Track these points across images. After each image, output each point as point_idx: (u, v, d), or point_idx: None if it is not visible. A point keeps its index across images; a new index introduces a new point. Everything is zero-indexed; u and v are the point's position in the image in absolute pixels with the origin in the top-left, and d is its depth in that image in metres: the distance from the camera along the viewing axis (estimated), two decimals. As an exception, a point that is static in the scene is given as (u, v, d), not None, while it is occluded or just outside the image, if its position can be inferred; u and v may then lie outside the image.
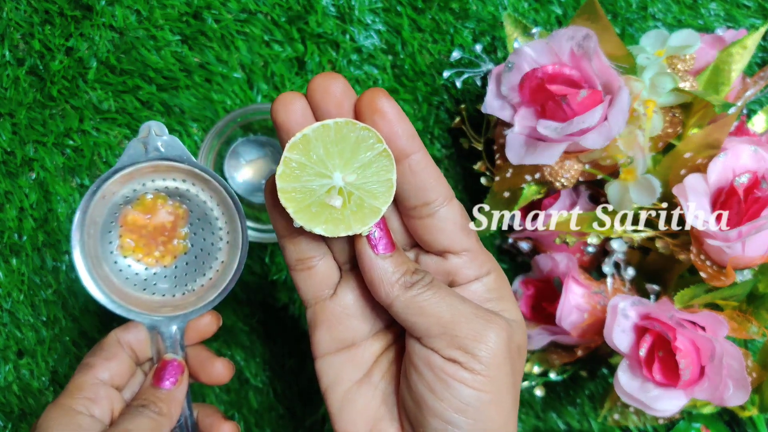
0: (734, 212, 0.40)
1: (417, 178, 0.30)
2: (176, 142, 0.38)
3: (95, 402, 0.36)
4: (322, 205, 0.30)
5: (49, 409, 0.35)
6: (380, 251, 0.30)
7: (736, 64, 0.44)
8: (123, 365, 0.38)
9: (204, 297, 0.39)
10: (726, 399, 0.40)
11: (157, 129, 0.38)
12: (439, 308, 0.29)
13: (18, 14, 0.49)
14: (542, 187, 0.44)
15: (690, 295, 0.43)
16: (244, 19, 0.50)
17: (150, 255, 0.39)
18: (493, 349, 0.29)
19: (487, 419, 0.29)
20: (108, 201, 0.38)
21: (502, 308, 0.32)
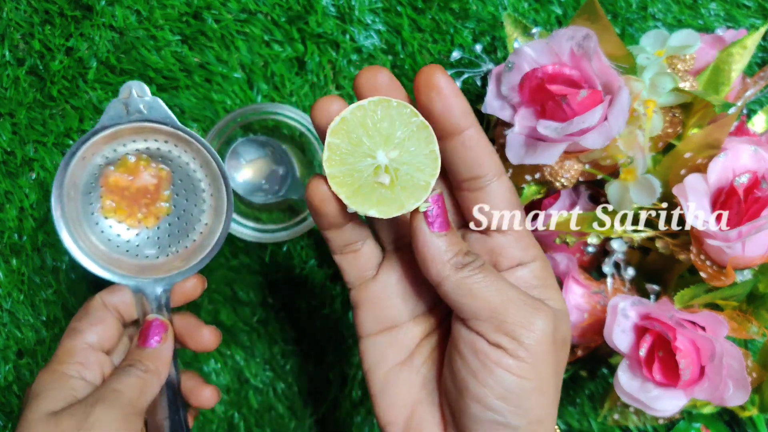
0: (734, 212, 0.40)
1: (470, 153, 0.30)
2: (158, 103, 0.38)
3: (86, 366, 0.36)
4: (371, 187, 0.29)
5: (42, 375, 0.35)
6: (435, 228, 0.30)
7: (736, 64, 0.44)
8: (110, 329, 0.38)
9: (189, 260, 0.39)
10: (726, 399, 0.40)
11: (138, 90, 0.37)
12: (489, 292, 0.29)
13: (18, 14, 0.49)
14: (542, 187, 0.44)
15: (690, 295, 0.43)
16: (244, 19, 0.50)
17: (132, 217, 0.39)
18: (540, 338, 0.29)
19: (529, 407, 0.29)
20: (88, 162, 0.38)
21: (548, 297, 0.31)
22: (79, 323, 0.37)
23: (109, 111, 0.37)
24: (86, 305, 0.38)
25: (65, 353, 0.36)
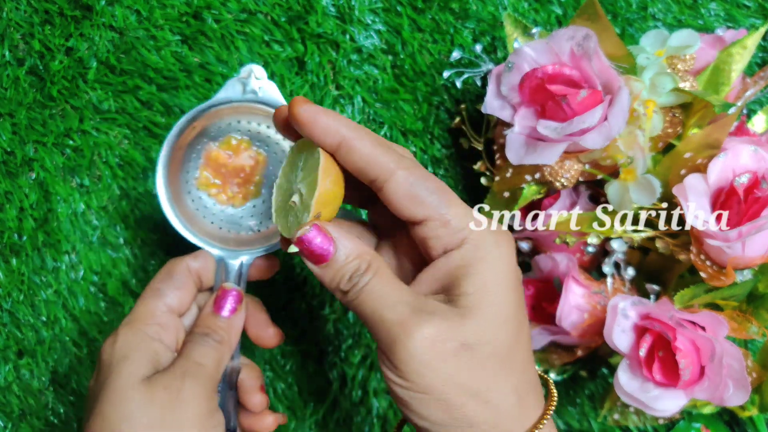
0: (734, 212, 0.40)
1: (354, 159, 0.31)
2: (274, 88, 0.39)
3: (164, 329, 0.36)
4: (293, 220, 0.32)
5: (125, 334, 0.35)
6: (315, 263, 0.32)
7: (736, 64, 0.44)
8: (189, 294, 0.38)
9: (269, 239, 0.41)
10: (726, 399, 0.40)
11: (257, 72, 0.39)
12: (365, 313, 0.31)
13: (18, 14, 0.49)
14: (542, 187, 0.44)
15: (690, 295, 0.43)
16: (244, 19, 0.50)
17: (224, 193, 0.41)
18: (408, 358, 0.29)
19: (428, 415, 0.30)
20: (197, 132, 0.39)
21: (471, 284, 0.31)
22: (163, 285, 0.38)
23: (227, 88, 0.39)
24: (170, 268, 0.38)
25: (147, 313, 0.36)
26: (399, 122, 0.51)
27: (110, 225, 0.50)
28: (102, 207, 0.50)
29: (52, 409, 0.50)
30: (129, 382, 0.33)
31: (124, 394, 0.33)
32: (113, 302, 0.50)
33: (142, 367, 0.34)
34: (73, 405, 0.50)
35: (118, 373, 0.33)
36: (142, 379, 0.33)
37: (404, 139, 0.51)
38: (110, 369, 0.34)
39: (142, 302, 0.37)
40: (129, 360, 0.34)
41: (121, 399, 0.32)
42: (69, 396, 0.50)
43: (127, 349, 0.34)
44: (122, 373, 0.33)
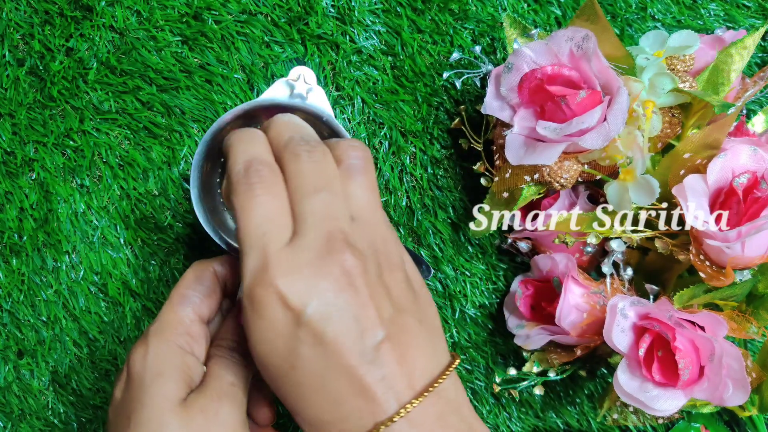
0: (734, 212, 0.40)
1: None
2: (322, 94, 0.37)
3: (195, 340, 0.35)
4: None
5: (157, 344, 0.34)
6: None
7: (735, 64, 0.44)
8: (217, 302, 0.37)
9: None
10: (726, 399, 0.40)
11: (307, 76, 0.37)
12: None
13: (18, 14, 0.49)
14: (541, 188, 0.44)
15: (689, 295, 0.43)
16: (244, 20, 0.50)
17: None
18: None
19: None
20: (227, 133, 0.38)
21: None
22: (191, 291, 0.36)
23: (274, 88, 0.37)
24: (197, 273, 0.37)
25: (176, 321, 0.35)
26: (399, 123, 0.51)
27: (110, 225, 0.50)
28: (102, 207, 0.50)
29: (52, 409, 0.50)
30: (165, 404, 0.32)
31: (162, 419, 0.31)
32: (113, 302, 0.50)
33: (177, 388, 0.32)
34: (73, 405, 0.51)
35: (154, 393, 0.32)
36: (178, 402, 0.32)
37: (404, 139, 0.51)
38: (143, 386, 0.32)
39: (170, 308, 0.35)
40: (164, 378, 0.32)
41: (158, 424, 0.31)
42: (69, 396, 0.50)
43: (161, 365, 0.33)
44: (158, 393, 0.32)
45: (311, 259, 0.29)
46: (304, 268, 0.29)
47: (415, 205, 0.51)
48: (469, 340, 0.52)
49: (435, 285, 0.52)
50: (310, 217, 0.30)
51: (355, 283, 0.29)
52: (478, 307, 0.52)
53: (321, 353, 0.29)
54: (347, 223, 0.31)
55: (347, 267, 0.29)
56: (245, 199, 0.31)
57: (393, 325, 0.30)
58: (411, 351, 0.30)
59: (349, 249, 0.30)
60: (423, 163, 0.51)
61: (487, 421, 0.53)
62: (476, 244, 0.52)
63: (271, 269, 0.29)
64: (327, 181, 0.31)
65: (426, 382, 0.30)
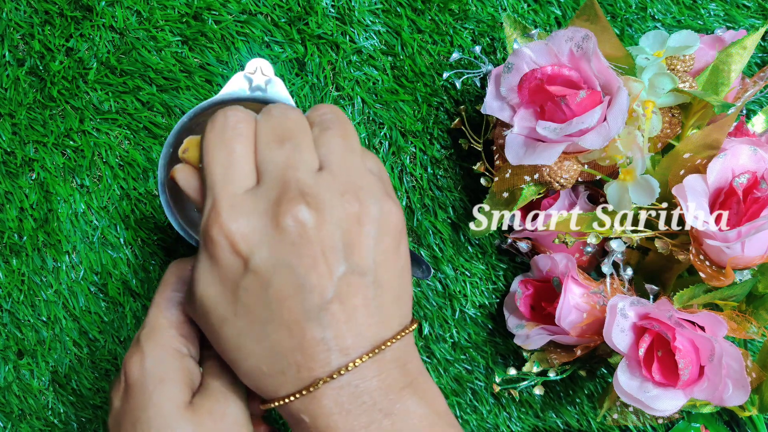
0: (733, 212, 0.40)
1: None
2: (280, 84, 0.38)
3: (189, 340, 0.35)
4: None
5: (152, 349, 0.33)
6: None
7: (735, 64, 0.44)
8: None
9: None
10: (725, 399, 0.40)
11: (264, 68, 0.38)
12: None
13: (18, 15, 0.49)
14: (541, 188, 0.44)
15: (689, 295, 0.43)
16: (244, 20, 0.50)
17: None
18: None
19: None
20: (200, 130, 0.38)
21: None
22: (177, 294, 0.35)
23: (232, 83, 0.37)
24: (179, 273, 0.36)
25: (167, 324, 0.34)
26: (399, 123, 0.51)
27: (110, 225, 0.50)
28: (102, 207, 0.50)
29: (52, 409, 0.50)
30: (173, 409, 0.31)
31: (170, 423, 0.31)
32: (113, 302, 0.50)
33: (182, 392, 0.32)
34: (73, 405, 0.51)
35: (159, 398, 0.31)
36: (185, 406, 0.32)
37: (404, 139, 0.51)
38: (146, 392, 0.32)
39: (158, 312, 0.34)
40: (166, 383, 0.32)
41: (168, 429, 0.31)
42: (69, 396, 0.50)
43: (162, 370, 0.32)
44: (163, 399, 0.31)
45: (265, 208, 0.29)
46: (256, 216, 0.29)
47: (415, 205, 0.51)
48: (469, 340, 0.52)
49: (435, 285, 0.52)
50: (270, 165, 0.30)
51: (307, 235, 0.28)
52: (478, 307, 0.52)
53: (264, 304, 0.29)
54: (310, 173, 0.30)
55: (300, 218, 0.28)
56: (213, 138, 0.31)
57: (345, 284, 0.29)
58: (359, 314, 0.30)
59: (305, 199, 0.29)
60: (423, 163, 0.51)
61: (487, 421, 0.53)
62: (476, 244, 0.52)
63: (224, 211, 0.29)
64: (294, 133, 0.31)
65: (373, 344, 0.30)
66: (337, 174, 0.30)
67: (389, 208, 0.31)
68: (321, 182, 0.30)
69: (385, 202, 0.31)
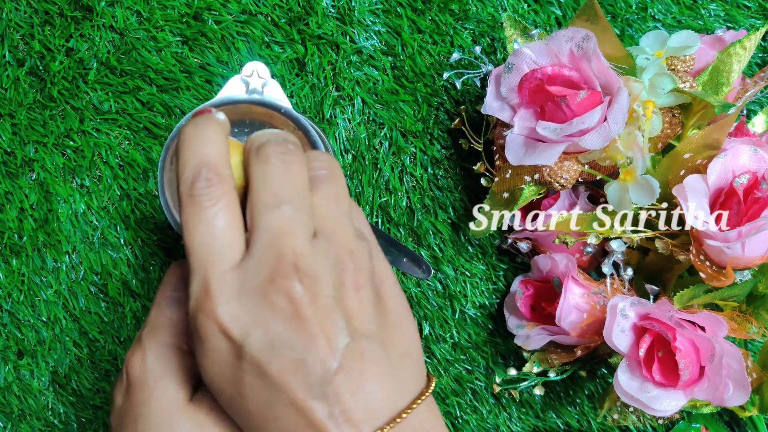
0: (734, 213, 0.40)
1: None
2: (277, 87, 0.38)
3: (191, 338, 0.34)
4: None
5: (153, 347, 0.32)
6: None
7: (735, 64, 0.44)
8: None
9: None
10: (726, 399, 0.40)
11: (261, 71, 0.37)
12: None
13: (18, 15, 0.49)
14: (541, 188, 0.44)
15: (689, 295, 0.43)
16: (244, 20, 0.50)
17: None
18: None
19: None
20: None
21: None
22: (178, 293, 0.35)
23: (228, 87, 0.37)
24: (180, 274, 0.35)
25: (167, 322, 0.34)
26: (399, 123, 0.51)
27: (111, 225, 0.50)
28: (102, 207, 0.50)
29: (52, 409, 0.50)
30: (174, 406, 0.31)
31: (171, 420, 0.31)
32: (113, 302, 0.50)
33: (182, 389, 0.32)
34: (73, 405, 0.51)
35: (160, 395, 0.31)
36: (186, 403, 0.31)
37: (404, 139, 0.51)
38: (147, 389, 0.32)
39: (159, 311, 0.34)
40: (167, 380, 0.32)
41: (169, 426, 0.31)
42: (69, 396, 0.50)
43: (163, 368, 0.32)
44: (164, 396, 0.31)
45: (256, 286, 0.27)
46: (247, 295, 0.27)
47: (415, 205, 0.51)
48: (469, 340, 0.52)
49: (435, 285, 0.52)
50: (263, 233, 0.28)
51: (302, 313, 0.27)
52: (478, 307, 0.52)
53: (266, 385, 0.28)
54: (305, 242, 0.28)
55: (294, 296, 0.27)
56: (191, 213, 0.28)
57: (349, 354, 0.28)
58: (369, 381, 0.28)
59: (298, 274, 0.27)
60: (423, 163, 0.51)
61: (487, 421, 0.53)
62: (476, 244, 0.52)
63: (212, 296, 0.27)
64: (294, 194, 0.29)
65: (389, 414, 0.28)
66: (332, 239, 0.29)
67: (381, 268, 0.30)
68: (316, 251, 0.28)
69: (379, 260, 0.30)
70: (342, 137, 0.51)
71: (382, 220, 0.51)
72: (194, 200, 0.29)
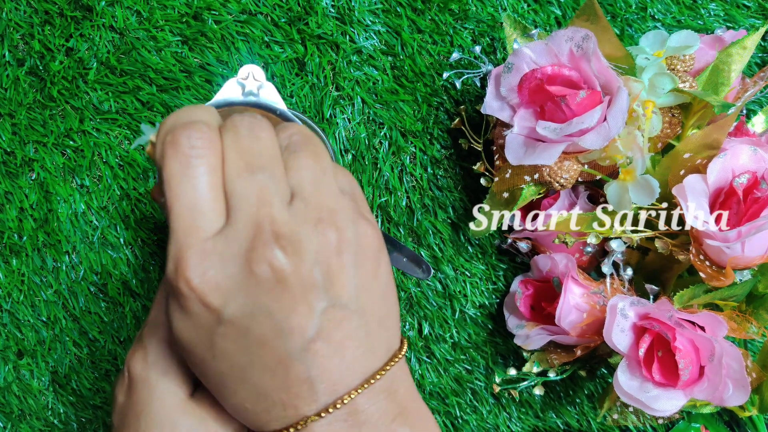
0: (734, 212, 0.41)
1: None
2: (273, 89, 0.38)
3: None
4: None
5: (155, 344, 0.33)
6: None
7: (735, 64, 0.44)
8: None
9: None
10: (726, 399, 0.40)
11: (257, 73, 0.38)
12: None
13: (18, 14, 0.49)
14: (541, 188, 0.44)
15: (689, 295, 0.43)
16: (244, 20, 0.50)
17: None
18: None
19: None
20: None
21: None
22: None
23: (225, 89, 0.38)
24: None
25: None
26: (399, 123, 0.51)
27: (110, 225, 0.50)
28: (102, 207, 0.50)
29: (52, 409, 0.50)
30: (175, 402, 0.31)
31: (173, 416, 0.31)
32: (113, 302, 0.50)
33: (184, 385, 0.32)
34: (73, 405, 0.51)
35: (161, 392, 0.31)
36: (187, 399, 0.32)
37: (404, 139, 0.51)
38: (149, 386, 0.32)
39: (159, 309, 0.34)
40: (169, 377, 0.32)
41: (170, 422, 0.31)
42: (69, 396, 0.50)
43: (164, 365, 0.32)
44: (165, 392, 0.31)
45: (235, 254, 0.27)
46: (227, 263, 0.27)
47: (415, 205, 0.51)
48: (469, 340, 0.52)
49: (435, 285, 0.52)
50: (241, 201, 0.27)
51: (285, 280, 0.27)
52: (478, 307, 0.52)
53: (243, 349, 0.28)
54: (282, 208, 0.27)
55: (276, 265, 0.26)
56: (176, 168, 0.27)
57: (327, 319, 0.28)
58: (345, 346, 0.28)
59: (279, 242, 0.27)
60: (423, 163, 0.51)
61: (487, 421, 0.53)
62: (476, 244, 0.52)
63: (191, 262, 0.27)
64: (266, 161, 0.28)
65: (363, 376, 0.29)
66: (309, 201, 0.28)
67: (364, 230, 0.29)
68: (295, 215, 0.28)
69: (360, 223, 0.29)
70: (342, 137, 0.51)
71: (382, 220, 0.51)
72: (181, 153, 0.27)
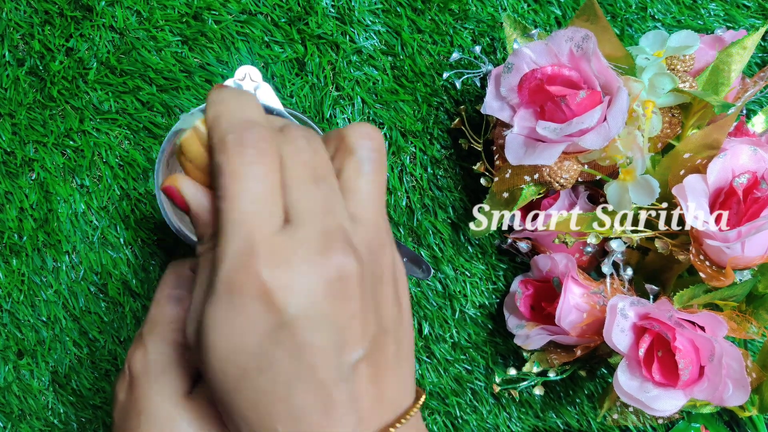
0: (734, 212, 0.40)
1: None
2: (269, 90, 0.38)
3: None
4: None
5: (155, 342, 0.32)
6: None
7: (735, 64, 0.44)
8: None
9: None
10: (726, 399, 0.40)
11: (253, 74, 0.38)
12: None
13: (18, 14, 0.49)
14: (541, 188, 0.44)
15: (689, 295, 0.43)
16: (244, 20, 0.50)
17: None
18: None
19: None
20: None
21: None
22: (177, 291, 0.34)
23: None
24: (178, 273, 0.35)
25: (169, 319, 0.33)
26: (399, 123, 0.51)
27: (111, 225, 0.50)
28: (102, 207, 0.50)
29: (52, 409, 0.50)
30: (174, 399, 0.31)
31: (171, 413, 0.31)
32: (113, 302, 0.50)
33: (183, 382, 0.32)
34: (73, 405, 0.51)
35: (161, 389, 0.31)
36: (186, 396, 0.32)
37: (404, 139, 0.51)
38: (148, 384, 0.32)
39: (159, 309, 0.34)
40: (168, 374, 0.32)
41: (169, 419, 0.31)
42: (69, 396, 0.50)
43: (164, 362, 0.32)
44: (164, 389, 0.31)
45: (307, 255, 0.25)
46: (297, 262, 0.25)
47: (415, 205, 0.51)
48: (469, 340, 0.52)
49: (435, 285, 0.52)
50: (306, 207, 0.26)
51: (349, 290, 0.26)
52: (478, 307, 0.52)
53: (296, 360, 0.26)
54: (348, 222, 0.27)
55: (345, 271, 0.26)
56: (239, 163, 0.26)
57: (374, 343, 0.27)
58: (385, 374, 0.28)
59: (351, 250, 0.26)
60: (423, 163, 0.51)
61: (487, 421, 0.53)
62: (476, 244, 0.52)
63: (259, 256, 0.25)
64: (326, 172, 0.27)
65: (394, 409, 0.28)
66: (369, 227, 0.28)
67: (399, 264, 0.30)
68: (359, 234, 0.27)
69: (399, 261, 0.30)
70: (342, 137, 0.51)
71: (382, 219, 0.51)
72: (244, 150, 0.26)
